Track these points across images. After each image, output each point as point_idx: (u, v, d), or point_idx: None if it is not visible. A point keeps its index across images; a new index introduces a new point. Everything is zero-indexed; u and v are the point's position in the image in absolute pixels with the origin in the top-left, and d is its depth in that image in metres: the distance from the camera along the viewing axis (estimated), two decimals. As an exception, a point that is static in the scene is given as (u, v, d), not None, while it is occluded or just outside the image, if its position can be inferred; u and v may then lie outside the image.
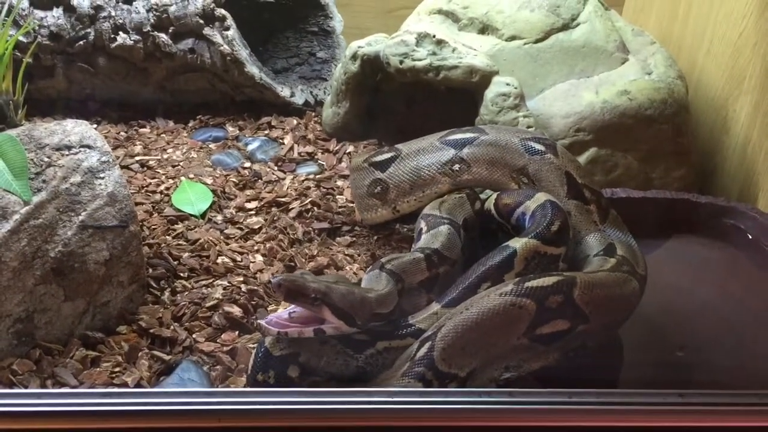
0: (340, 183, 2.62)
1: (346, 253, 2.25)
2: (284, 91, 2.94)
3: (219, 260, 2.12)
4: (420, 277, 1.86)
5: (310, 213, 2.42)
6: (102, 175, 1.92)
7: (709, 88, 2.65)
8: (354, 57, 2.74)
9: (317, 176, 2.64)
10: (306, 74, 3.14)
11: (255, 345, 1.82)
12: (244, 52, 2.83)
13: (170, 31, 2.84)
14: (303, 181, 2.60)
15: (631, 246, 1.91)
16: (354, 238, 2.34)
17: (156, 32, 2.83)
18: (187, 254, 2.13)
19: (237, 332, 1.88)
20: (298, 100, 2.99)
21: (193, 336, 1.86)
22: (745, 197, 2.47)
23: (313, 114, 3.01)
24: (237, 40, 2.81)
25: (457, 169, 2.16)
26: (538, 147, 2.09)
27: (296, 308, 1.62)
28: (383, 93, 2.85)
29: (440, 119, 2.51)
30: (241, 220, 2.36)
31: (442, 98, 2.90)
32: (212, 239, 2.21)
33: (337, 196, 2.54)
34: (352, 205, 2.49)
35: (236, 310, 1.92)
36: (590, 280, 1.63)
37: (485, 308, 1.55)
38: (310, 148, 2.81)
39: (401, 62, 2.62)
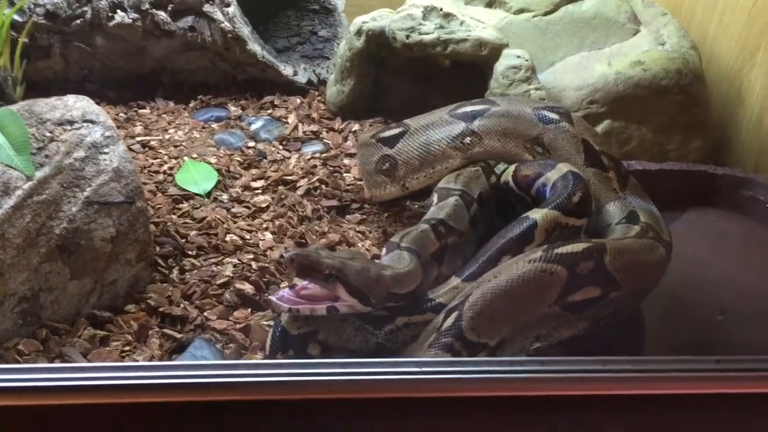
0: (346, 161, 2.56)
1: (357, 230, 2.19)
2: (287, 70, 2.88)
3: (227, 238, 2.06)
4: (431, 249, 1.81)
5: (318, 191, 2.36)
6: (106, 150, 1.85)
7: (721, 59, 2.60)
8: (359, 33, 2.67)
9: (323, 155, 2.58)
10: (308, 53, 3.07)
11: (269, 323, 1.77)
12: (245, 30, 2.76)
13: (169, 8, 2.77)
14: (309, 159, 2.54)
15: (654, 213, 1.86)
16: (364, 216, 2.29)
17: (155, 10, 2.76)
18: (194, 232, 2.07)
19: (249, 310, 1.82)
20: (301, 78, 2.92)
21: (205, 314, 1.80)
22: (761, 169, 2.42)
23: (317, 93, 2.95)
24: (238, 17, 2.75)
25: (469, 142, 2.11)
26: (552, 116, 2.04)
27: (308, 284, 1.57)
28: (389, 70, 2.80)
29: (447, 95, 2.45)
30: (248, 199, 2.29)
31: (449, 74, 2.85)
32: (219, 218, 2.15)
33: (345, 175, 2.48)
34: (360, 183, 2.44)
35: (248, 288, 1.86)
36: (619, 247, 1.58)
37: (515, 275, 1.50)
38: (314, 127, 2.75)
39: (408, 37, 2.56)
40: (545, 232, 1.71)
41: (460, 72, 2.78)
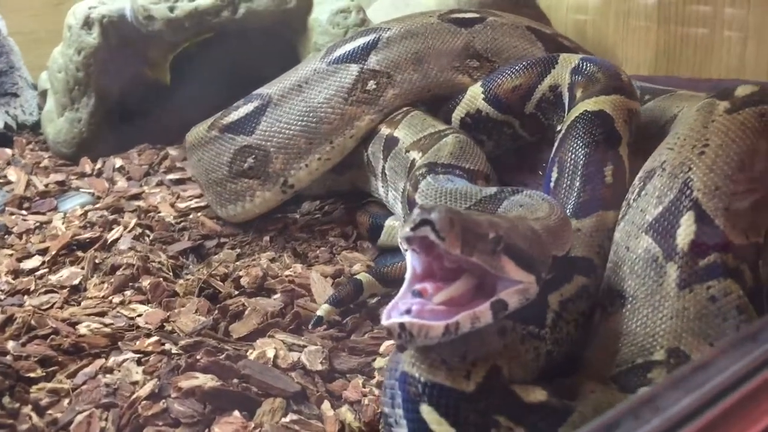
0: (139, 203, 1.69)
1: (265, 260, 1.37)
2: (-28, 112, 1.85)
3: (83, 331, 1.09)
4: None
5: (148, 238, 1.46)
6: None
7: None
8: (88, 24, 1.82)
9: (96, 205, 1.67)
10: (-22, 96, 2.04)
11: (291, 418, 0.91)
12: None
13: None
14: (83, 215, 1.62)
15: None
16: (236, 249, 1.47)
17: None
18: (12, 343, 1.06)
19: (237, 411, 0.93)
20: (-4, 122, 1.91)
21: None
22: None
23: (25, 141, 1.96)
24: None
25: (374, 87, 1.47)
26: (469, 15, 1.53)
27: (423, 282, 0.79)
28: (147, 71, 1.96)
29: (234, 92, 1.72)
30: (33, 286, 1.33)
31: (202, 77, 2.11)
32: (36, 310, 1.16)
33: (158, 215, 1.60)
34: (189, 216, 1.61)
35: (205, 380, 0.96)
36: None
37: (731, 131, 0.93)
38: (57, 177, 1.81)
39: (173, 9, 1.79)
40: (625, 124, 1.18)
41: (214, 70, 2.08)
